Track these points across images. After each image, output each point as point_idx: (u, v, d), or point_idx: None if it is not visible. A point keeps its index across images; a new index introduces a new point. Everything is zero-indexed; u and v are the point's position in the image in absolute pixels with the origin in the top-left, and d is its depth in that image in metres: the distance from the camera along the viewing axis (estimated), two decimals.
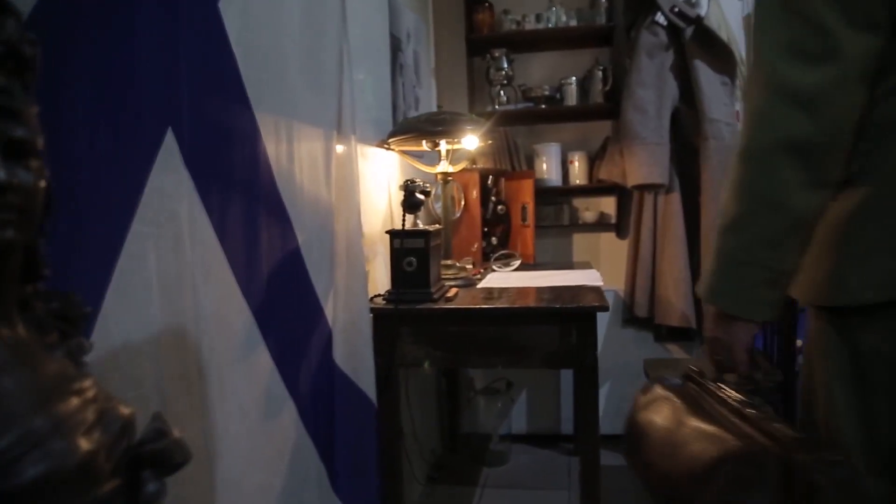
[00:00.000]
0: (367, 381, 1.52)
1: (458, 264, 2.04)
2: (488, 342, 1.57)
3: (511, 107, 2.85)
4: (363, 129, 1.80)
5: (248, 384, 1.06)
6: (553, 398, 2.85)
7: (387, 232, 1.62)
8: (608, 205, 2.97)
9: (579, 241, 3.04)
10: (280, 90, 1.18)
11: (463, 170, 2.44)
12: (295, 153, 1.24)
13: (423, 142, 1.95)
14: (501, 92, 2.86)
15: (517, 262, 2.33)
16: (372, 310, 1.59)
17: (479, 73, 2.96)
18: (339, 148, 1.49)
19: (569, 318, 1.50)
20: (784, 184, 0.75)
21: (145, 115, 0.87)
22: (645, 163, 2.44)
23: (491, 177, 2.54)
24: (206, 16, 0.99)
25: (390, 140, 1.89)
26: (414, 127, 1.84)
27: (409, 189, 1.60)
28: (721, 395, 0.85)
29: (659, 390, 0.93)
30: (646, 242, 2.62)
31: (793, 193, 0.76)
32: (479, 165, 2.71)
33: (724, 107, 2.46)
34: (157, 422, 0.54)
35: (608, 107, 2.75)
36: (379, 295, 1.68)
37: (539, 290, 1.78)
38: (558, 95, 2.86)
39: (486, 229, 2.52)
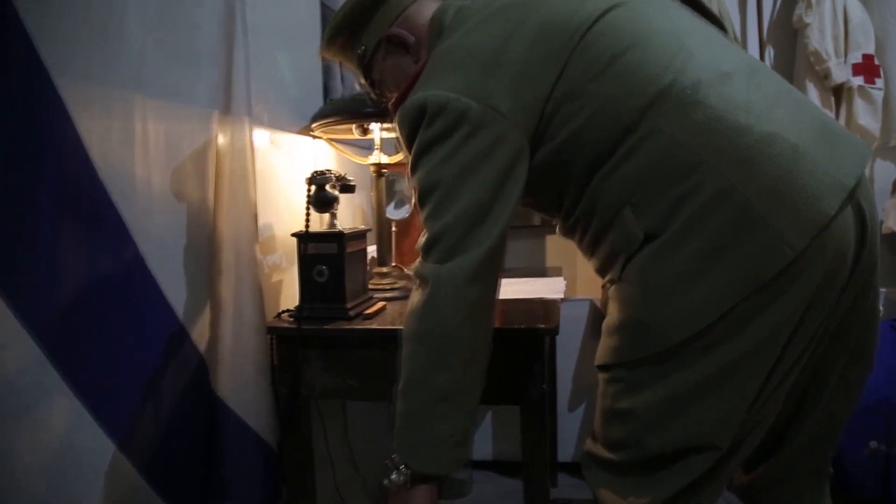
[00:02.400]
0: (260, 418, 1.26)
1: (395, 273, 1.78)
2: None
3: None
4: (276, 112, 1.54)
5: (32, 444, 0.79)
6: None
7: (293, 234, 1.36)
8: None
9: (553, 243, 2.78)
10: (105, 52, 0.92)
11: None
12: (136, 136, 0.97)
13: (353, 128, 1.68)
14: None
15: None
16: (272, 330, 1.33)
17: None
18: (225, 134, 1.22)
19: (510, 340, 1.24)
20: (417, 367, 0.94)
21: None
22: None
23: None
24: None
25: (314, 126, 1.62)
26: (339, 109, 1.57)
27: (317, 182, 1.34)
28: None
29: None
30: None
31: (424, 375, 0.93)
32: None
33: None
34: None
35: None
36: (287, 311, 1.42)
37: None
38: None
39: None
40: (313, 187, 1.34)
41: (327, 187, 1.35)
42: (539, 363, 1.24)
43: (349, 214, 2.05)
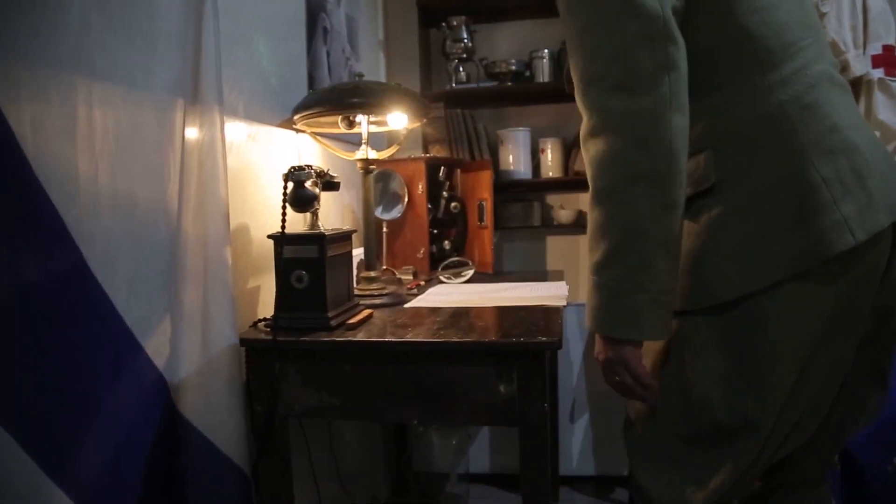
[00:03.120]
0: (231, 441, 1.15)
1: (384, 277, 1.66)
2: (399, 388, 1.19)
3: (471, 85, 2.48)
4: (253, 103, 1.42)
5: None
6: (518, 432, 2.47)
7: (269, 236, 1.24)
8: (587, 202, 2.59)
9: (554, 245, 2.67)
10: (39, 25, 0.80)
11: (408, 159, 2.07)
12: (79, 125, 0.85)
13: (339, 120, 1.57)
14: (460, 68, 2.49)
15: (470, 273, 1.95)
16: (245, 342, 1.21)
17: (434, 45, 2.59)
18: (193, 124, 1.11)
19: (507, 356, 1.13)
20: (642, 212, 0.86)
21: None
22: None
23: (443, 168, 2.16)
24: None
25: (296, 118, 1.51)
26: (322, 99, 1.46)
27: (295, 178, 1.22)
28: None
29: None
30: None
31: (652, 218, 0.86)
32: (432, 154, 2.34)
33: None
34: None
35: None
36: (264, 320, 1.30)
37: (481, 311, 1.40)
38: (528, 72, 2.49)
39: (435, 231, 2.14)
40: (290, 184, 1.22)
41: (307, 184, 1.24)
42: (539, 380, 1.12)
43: (337, 215, 1.94)
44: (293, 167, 1.22)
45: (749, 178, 0.89)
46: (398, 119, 1.55)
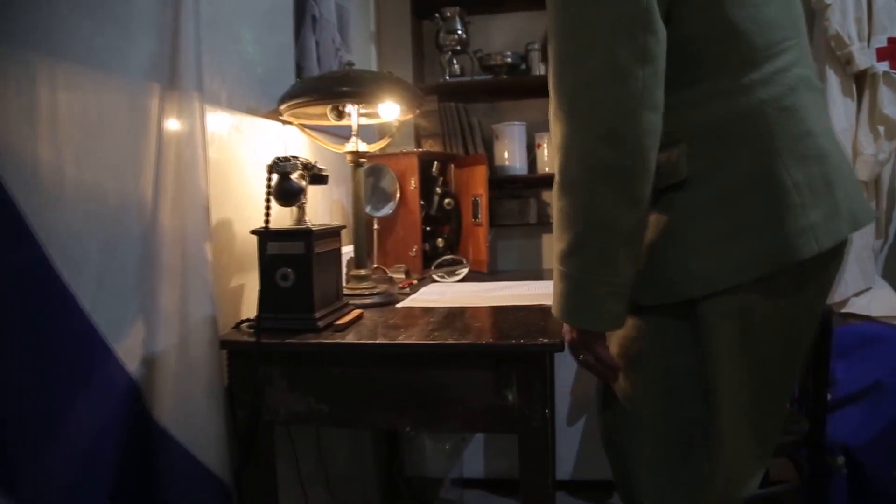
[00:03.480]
0: (211, 449, 1.08)
1: (375, 276, 1.60)
2: (391, 393, 1.12)
3: (466, 78, 2.41)
4: (237, 91, 1.35)
5: None
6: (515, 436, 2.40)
7: (252, 232, 1.17)
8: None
9: (550, 243, 2.60)
10: None
11: (400, 153, 2.00)
12: (41, 110, 0.78)
13: (327, 111, 1.50)
14: (454, 60, 2.42)
15: (464, 271, 1.89)
16: (227, 344, 1.15)
17: (428, 37, 2.52)
18: (170, 111, 1.04)
19: (506, 359, 1.06)
20: (607, 207, 0.84)
21: None
22: None
23: (436, 163, 2.10)
24: None
25: (283, 108, 1.44)
26: (310, 88, 1.39)
27: (280, 170, 1.15)
28: None
29: None
30: None
31: (616, 213, 0.84)
32: (425, 149, 2.28)
33: None
34: None
35: None
36: (247, 321, 1.23)
37: (476, 311, 1.34)
38: (524, 65, 2.42)
39: (428, 228, 2.08)
40: (275, 176, 1.15)
41: (293, 176, 1.17)
42: (540, 385, 1.06)
43: (325, 211, 1.87)
44: (278, 158, 1.15)
45: (721, 176, 0.87)
46: (390, 110, 1.48)
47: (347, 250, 1.62)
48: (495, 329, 1.16)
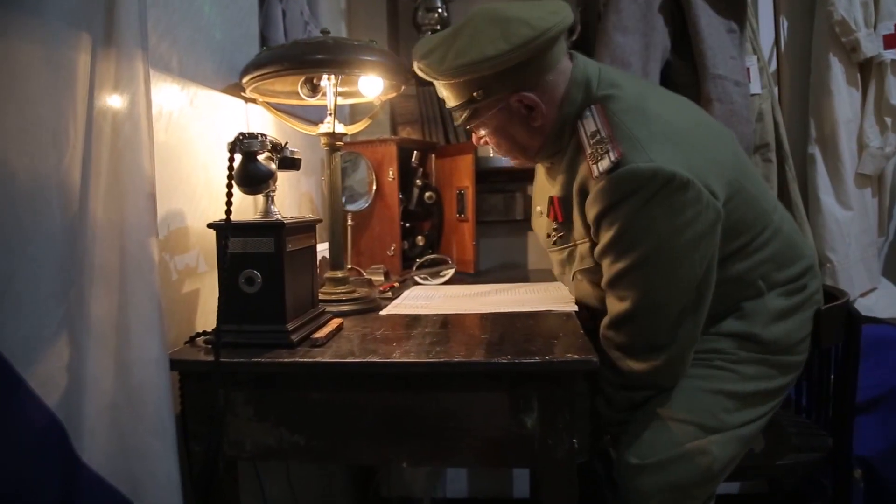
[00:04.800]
0: (158, 494, 0.87)
1: (354, 278, 1.40)
2: (383, 421, 0.93)
3: None
4: (190, 57, 1.14)
5: None
6: None
7: (209, 225, 0.97)
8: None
9: (536, 241, 2.43)
10: None
11: (377, 140, 1.81)
12: None
13: (299, 86, 1.30)
14: None
15: (450, 272, 1.71)
16: (178, 364, 0.94)
17: (404, 16, 2.32)
18: (104, 72, 0.84)
19: (524, 379, 0.88)
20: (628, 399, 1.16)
21: None
22: None
23: (416, 152, 1.91)
24: None
25: (246, 80, 1.23)
26: (280, 56, 1.18)
27: (245, 148, 0.95)
28: None
29: None
30: None
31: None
32: (401, 136, 2.08)
33: (731, 60, 1.91)
34: None
35: None
36: (203, 334, 1.03)
37: (475, 319, 1.16)
38: None
39: (407, 224, 1.89)
40: (238, 156, 0.95)
41: (260, 158, 0.96)
42: (567, 410, 0.89)
43: (293, 205, 1.66)
44: (242, 134, 0.95)
45: (795, 288, 1.21)
46: (372, 85, 1.28)
47: (321, 249, 1.42)
48: (507, 342, 0.98)
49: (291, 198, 1.65)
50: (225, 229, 0.93)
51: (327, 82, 1.28)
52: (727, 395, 1.10)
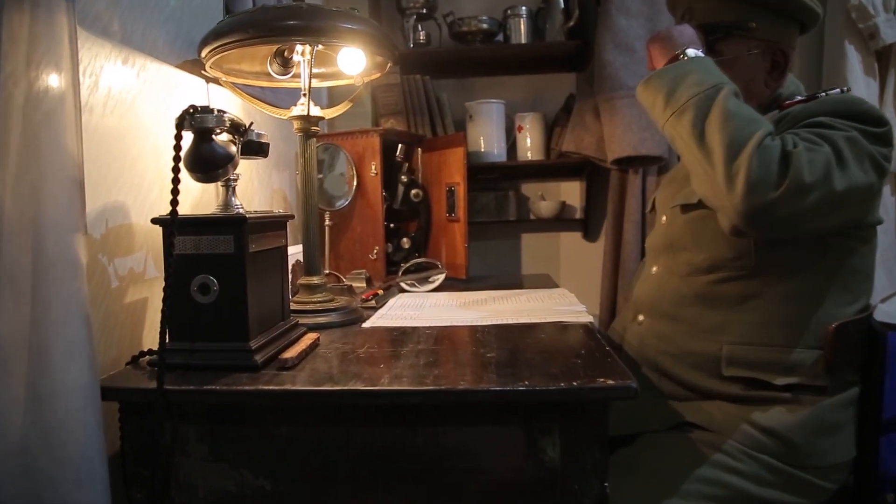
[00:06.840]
0: None
1: (332, 284, 1.23)
2: (370, 462, 0.76)
3: (433, 47, 2.07)
4: (137, 23, 0.97)
5: None
6: None
7: (154, 221, 0.80)
8: (572, 191, 2.25)
9: (531, 244, 2.29)
10: None
11: (358, 132, 1.64)
12: None
13: (268, 61, 1.13)
14: (419, 26, 2.08)
15: (440, 278, 1.55)
16: (113, 392, 0.77)
17: (386, 1, 2.17)
18: (17, 28, 0.67)
19: (542, 409, 0.73)
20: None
21: None
22: (634, 125, 1.71)
23: (401, 145, 1.75)
24: None
25: (206, 53, 1.05)
26: (245, 22, 1.01)
27: (197, 125, 0.78)
28: None
29: None
30: (630, 246, 1.90)
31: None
32: (384, 128, 1.92)
33: None
34: None
35: (574, 49, 2.02)
36: (148, 354, 0.85)
37: (474, 333, 1.00)
38: (502, 33, 2.11)
39: (392, 225, 1.72)
40: (189, 134, 0.78)
41: (215, 137, 0.80)
42: (597, 447, 0.73)
43: (264, 201, 1.49)
44: (193, 107, 0.78)
45: None
46: (354, 61, 1.12)
47: (294, 252, 1.25)
48: (519, 362, 0.82)
49: (262, 194, 1.48)
50: (171, 225, 0.76)
51: (301, 58, 1.11)
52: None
